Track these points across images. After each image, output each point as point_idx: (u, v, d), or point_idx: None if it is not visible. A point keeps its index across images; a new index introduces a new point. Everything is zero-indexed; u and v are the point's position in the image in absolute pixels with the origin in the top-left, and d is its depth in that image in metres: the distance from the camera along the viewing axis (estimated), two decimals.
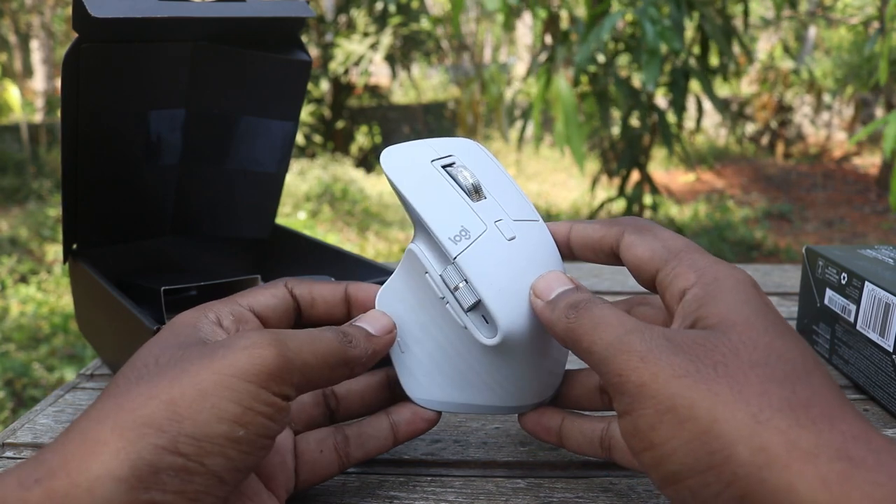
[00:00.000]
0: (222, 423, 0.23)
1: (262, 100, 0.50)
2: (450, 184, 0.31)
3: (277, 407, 0.25)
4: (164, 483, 0.22)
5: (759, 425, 0.20)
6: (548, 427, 0.32)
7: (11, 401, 2.13)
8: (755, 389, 0.21)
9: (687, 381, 0.22)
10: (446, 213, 0.30)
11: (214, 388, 0.23)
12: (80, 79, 0.40)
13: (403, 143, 0.32)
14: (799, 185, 5.41)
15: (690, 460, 0.21)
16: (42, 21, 6.24)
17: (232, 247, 0.56)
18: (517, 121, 4.44)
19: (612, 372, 0.24)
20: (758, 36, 6.57)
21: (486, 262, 0.29)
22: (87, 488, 0.21)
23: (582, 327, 0.26)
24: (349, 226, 4.13)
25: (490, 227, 0.30)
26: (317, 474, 0.31)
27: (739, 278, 0.26)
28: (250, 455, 0.24)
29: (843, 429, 0.20)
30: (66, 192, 0.44)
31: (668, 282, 0.27)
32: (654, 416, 0.22)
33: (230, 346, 0.25)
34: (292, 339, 0.26)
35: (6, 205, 4.46)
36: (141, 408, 0.23)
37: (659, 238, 0.28)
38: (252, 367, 0.24)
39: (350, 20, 5.74)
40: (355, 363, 0.28)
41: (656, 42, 1.97)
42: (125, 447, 0.22)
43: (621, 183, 2.86)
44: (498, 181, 0.32)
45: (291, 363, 0.25)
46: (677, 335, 0.24)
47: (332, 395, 0.33)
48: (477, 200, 0.31)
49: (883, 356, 0.40)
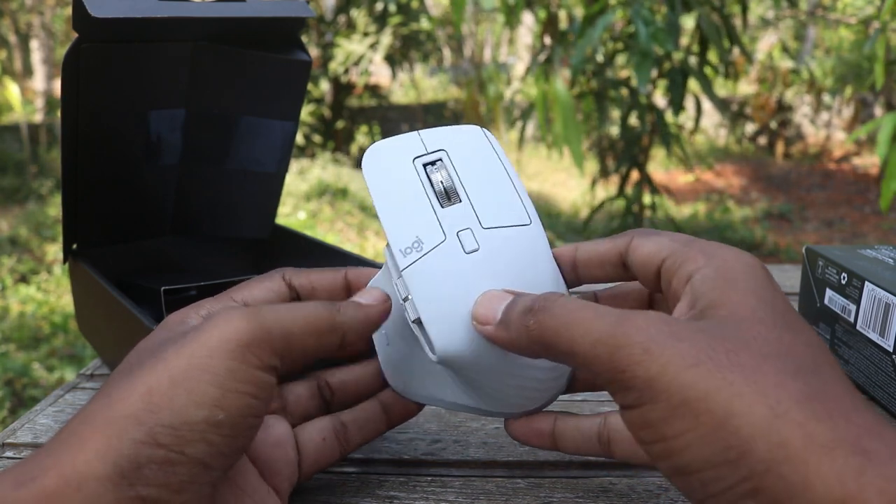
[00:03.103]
0: (200, 409, 0.23)
1: (262, 100, 0.50)
2: (423, 186, 0.29)
3: (260, 383, 0.24)
4: (148, 477, 0.22)
5: (778, 419, 0.20)
6: (539, 431, 0.31)
7: (11, 401, 2.13)
8: (771, 380, 0.21)
9: (699, 370, 0.21)
10: (405, 221, 0.28)
11: (189, 372, 0.23)
12: (80, 79, 0.40)
13: (395, 137, 0.31)
14: (799, 185, 5.41)
15: (706, 454, 0.21)
16: (42, 21, 6.24)
17: (232, 247, 0.56)
18: (517, 121, 4.44)
19: (611, 369, 0.22)
20: (758, 36, 6.57)
21: (431, 279, 0.28)
22: (76, 487, 0.21)
23: (550, 330, 0.24)
24: (349, 226, 4.13)
25: (448, 239, 0.28)
26: (320, 463, 0.31)
27: (750, 263, 0.25)
28: (235, 438, 0.24)
29: (858, 422, 0.20)
30: (66, 192, 0.44)
31: (675, 267, 0.26)
32: (666, 409, 0.21)
33: (202, 328, 0.24)
34: (270, 310, 0.25)
35: (6, 205, 4.46)
36: (120, 402, 0.23)
37: (666, 235, 0.28)
38: (225, 342, 0.23)
39: (350, 20, 5.74)
40: (347, 330, 0.27)
41: (649, 43, 1.97)
42: (107, 445, 0.22)
43: (621, 183, 2.86)
44: (490, 177, 0.30)
45: (268, 332, 0.24)
46: (677, 322, 0.23)
47: (327, 387, 0.33)
48: (447, 205, 0.29)
49: (883, 356, 0.40)
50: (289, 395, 0.32)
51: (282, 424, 0.30)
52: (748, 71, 5.69)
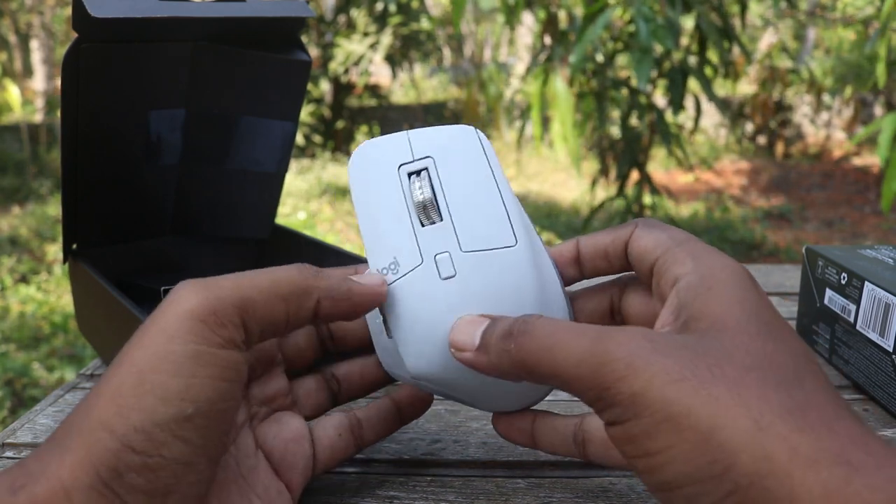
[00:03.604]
0: (168, 406, 0.22)
1: (262, 100, 0.50)
2: (404, 200, 0.28)
3: (225, 363, 0.23)
4: (132, 484, 0.21)
5: (762, 432, 0.20)
6: (520, 428, 0.31)
7: (11, 401, 2.13)
8: (754, 393, 0.21)
9: (683, 385, 0.21)
10: (384, 240, 0.28)
11: (151, 364, 0.22)
12: (80, 79, 0.40)
13: (384, 137, 0.29)
14: (799, 185, 5.41)
15: (689, 469, 0.20)
16: (42, 21, 6.24)
17: (232, 247, 0.56)
18: (516, 121, 4.44)
19: (595, 387, 0.22)
20: (758, 36, 6.57)
21: (405, 303, 0.27)
22: (64, 496, 0.21)
23: (532, 354, 0.24)
24: (349, 226, 4.13)
25: (425, 262, 0.27)
26: (335, 458, 0.31)
27: (736, 270, 0.25)
28: (211, 429, 0.23)
29: (841, 433, 0.20)
30: (66, 192, 0.44)
31: (664, 267, 0.26)
32: (650, 424, 0.21)
33: (159, 308, 0.23)
34: (228, 278, 0.24)
35: (6, 205, 4.46)
36: (92, 409, 0.22)
37: (666, 231, 0.28)
38: (180, 322, 0.22)
39: (350, 20, 5.74)
40: (322, 294, 0.26)
41: (649, 41, 1.97)
42: (86, 455, 0.21)
43: (621, 183, 2.86)
44: (477, 189, 0.29)
45: (224, 301, 0.23)
46: (659, 336, 0.23)
47: (334, 379, 0.33)
48: (427, 224, 0.28)
49: (883, 356, 0.40)
50: (299, 389, 0.32)
51: (296, 420, 0.30)
52: (748, 71, 5.69)
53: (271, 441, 0.29)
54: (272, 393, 0.31)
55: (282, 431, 0.30)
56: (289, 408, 0.31)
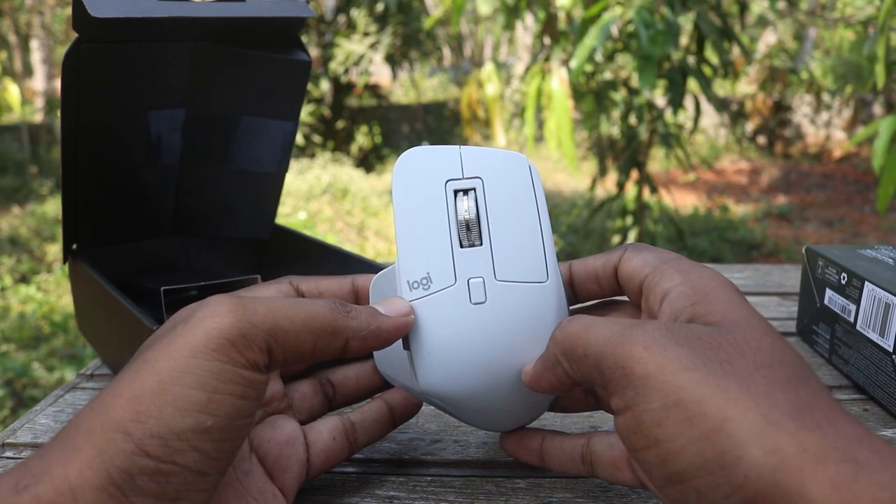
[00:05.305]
0: (187, 416, 0.22)
1: (262, 100, 0.50)
2: (447, 216, 0.28)
3: (247, 382, 0.23)
4: (142, 487, 0.21)
5: (771, 426, 0.20)
6: (528, 448, 0.32)
7: (11, 401, 2.13)
8: (762, 390, 0.21)
9: (696, 374, 0.21)
10: (420, 252, 0.28)
11: (173, 376, 0.22)
12: (80, 79, 0.40)
13: (435, 147, 0.29)
14: (799, 185, 5.41)
15: (699, 459, 0.21)
16: (42, 21, 6.24)
17: (232, 247, 0.56)
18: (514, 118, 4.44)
19: (613, 365, 0.23)
20: (757, 36, 6.57)
21: (430, 320, 0.27)
22: (71, 497, 0.21)
23: (572, 335, 0.25)
24: (349, 226, 4.13)
25: (458, 284, 0.27)
26: (329, 462, 0.31)
27: (724, 281, 0.26)
28: (227, 442, 0.23)
29: (846, 432, 0.20)
30: (66, 192, 0.44)
31: (654, 283, 0.27)
32: (660, 410, 0.21)
33: (188, 322, 0.23)
34: (263, 302, 0.24)
35: (6, 205, 4.46)
36: (108, 410, 0.22)
37: (654, 251, 0.29)
38: (208, 339, 0.23)
39: (350, 20, 5.74)
40: (351, 334, 0.26)
41: (652, 48, 1.97)
42: (98, 455, 0.21)
43: (621, 183, 2.85)
44: (520, 220, 0.29)
45: (256, 327, 0.23)
46: (678, 328, 0.24)
47: (329, 383, 0.33)
48: (467, 245, 0.28)
49: (883, 356, 0.40)
50: (294, 393, 0.32)
51: (291, 423, 0.30)
52: (747, 71, 5.69)
53: (266, 444, 0.29)
54: (267, 396, 0.31)
55: (276, 435, 0.30)
56: (283, 411, 0.31)
